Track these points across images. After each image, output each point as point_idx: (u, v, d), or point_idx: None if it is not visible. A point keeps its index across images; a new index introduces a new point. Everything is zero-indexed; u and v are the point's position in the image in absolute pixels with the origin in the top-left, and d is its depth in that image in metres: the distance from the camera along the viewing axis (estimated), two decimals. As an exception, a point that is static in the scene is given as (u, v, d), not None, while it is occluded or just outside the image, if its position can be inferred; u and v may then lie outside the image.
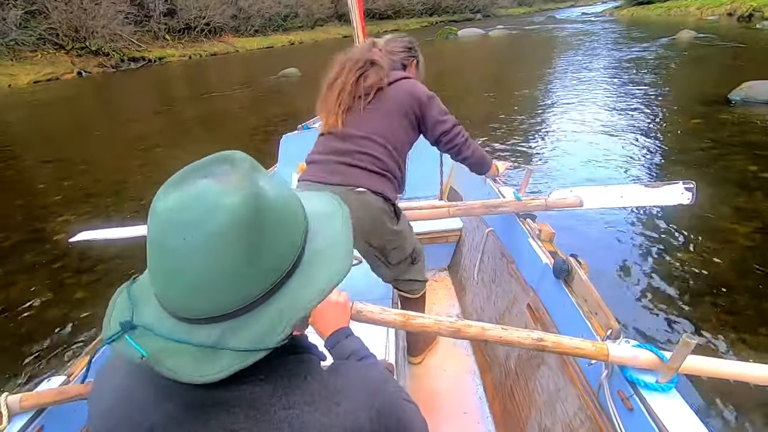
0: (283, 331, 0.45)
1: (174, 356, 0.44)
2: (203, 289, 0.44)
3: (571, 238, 2.85)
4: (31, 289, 2.96)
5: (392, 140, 1.44)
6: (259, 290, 0.46)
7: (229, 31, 24.73)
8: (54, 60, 18.31)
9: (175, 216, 0.43)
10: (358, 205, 1.36)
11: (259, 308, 0.46)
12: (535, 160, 4.62)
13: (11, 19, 17.18)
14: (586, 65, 10.64)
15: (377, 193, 1.42)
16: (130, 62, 19.94)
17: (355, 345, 0.79)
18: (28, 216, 4.13)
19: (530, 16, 38.71)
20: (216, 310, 0.44)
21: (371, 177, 1.42)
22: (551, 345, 0.88)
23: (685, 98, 6.75)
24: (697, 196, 1.48)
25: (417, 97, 1.44)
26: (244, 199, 0.44)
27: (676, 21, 19.92)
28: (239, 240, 0.43)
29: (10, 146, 7.33)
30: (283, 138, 2.72)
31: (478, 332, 0.90)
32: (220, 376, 0.43)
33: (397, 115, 1.44)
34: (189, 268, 0.43)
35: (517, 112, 6.80)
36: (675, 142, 4.95)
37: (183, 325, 0.45)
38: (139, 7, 21.25)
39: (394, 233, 1.50)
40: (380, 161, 1.43)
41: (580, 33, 19.16)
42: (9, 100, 13.16)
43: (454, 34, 22.58)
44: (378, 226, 1.45)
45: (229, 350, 0.44)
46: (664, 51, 11.62)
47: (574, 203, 1.58)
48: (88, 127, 8.45)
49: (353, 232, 0.56)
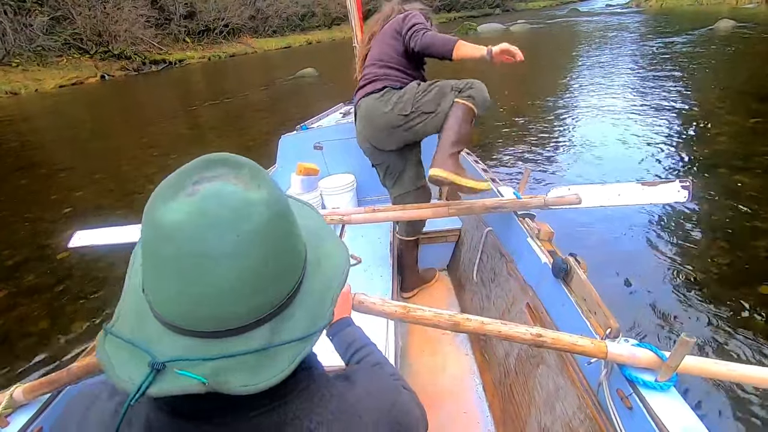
0: (331, 305, 0.47)
1: (231, 372, 0.41)
2: (245, 293, 0.41)
3: (570, 237, 2.84)
4: (30, 316, 2.78)
5: (390, 54, 1.81)
6: (297, 277, 0.46)
7: (247, 32, 24.86)
8: (78, 64, 18.72)
9: (197, 224, 0.40)
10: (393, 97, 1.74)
11: (299, 294, 0.46)
12: (575, 170, 4.30)
13: (38, 25, 17.62)
14: (619, 61, 10.03)
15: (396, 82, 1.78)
16: (151, 65, 20.25)
17: (357, 334, 0.79)
18: (34, 231, 4.01)
19: (551, 9, 37.58)
20: (262, 309, 0.43)
21: (389, 72, 1.79)
22: (550, 341, 0.88)
23: (736, 95, 6.12)
24: (693, 194, 1.50)
25: (399, 17, 1.82)
26: (269, 191, 0.44)
27: (710, 10, 18.82)
28: (278, 232, 0.44)
29: (30, 153, 7.37)
30: (281, 138, 2.67)
31: (478, 326, 0.91)
32: (288, 370, 0.42)
33: (388, 34, 1.81)
34: (228, 275, 0.40)
35: (547, 113, 6.40)
36: (735, 145, 4.39)
37: (222, 340, 0.42)
38: (159, 11, 21.55)
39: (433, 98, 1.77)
40: (390, 56, 1.80)
41: (608, 26, 18.36)
42: (36, 105, 13.45)
43: (474, 30, 22.03)
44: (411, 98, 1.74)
45: (285, 345, 0.43)
46: (703, 43, 10.83)
47: (572, 201, 1.58)
48: (106, 133, 8.46)
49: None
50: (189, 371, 0.40)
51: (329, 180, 2.57)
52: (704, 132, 4.91)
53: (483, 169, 2.24)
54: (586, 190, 1.61)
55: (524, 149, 4.99)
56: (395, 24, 1.80)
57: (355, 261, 2.13)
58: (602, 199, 1.59)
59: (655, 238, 2.97)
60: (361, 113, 1.81)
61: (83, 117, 10.81)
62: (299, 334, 0.44)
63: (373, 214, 1.70)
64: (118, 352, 0.42)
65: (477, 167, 2.27)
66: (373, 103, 1.74)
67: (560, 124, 5.83)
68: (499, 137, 5.52)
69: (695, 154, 4.26)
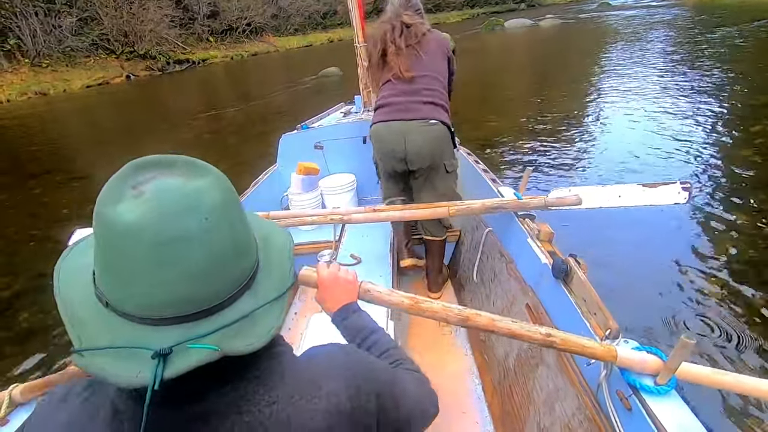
0: (291, 267, 0.54)
1: (232, 338, 0.44)
2: (224, 267, 0.45)
3: (570, 238, 2.78)
4: (19, 365, 2.44)
5: (442, 73, 1.92)
6: (255, 248, 0.51)
7: (270, 31, 24.83)
8: (105, 65, 19.00)
9: (158, 216, 0.42)
10: (433, 134, 1.84)
11: (261, 263, 0.51)
12: (586, 171, 4.14)
13: (66, 26, 17.93)
14: (645, 60, 9.35)
15: (444, 124, 1.87)
16: (176, 65, 20.42)
17: (364, 320, 0.78)
18: (38, 252, 3.75)
19: (579, 4, 36.29)
20: (240, 279, 0.47)
21: (437, 110, 1.86)
22: (559, 341, 0.87)
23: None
24: (692, 196, 1.51)
25: (447, 41, 1.97)
26: (212, 177, 0.47)
27: (755, 3, 17.61)
28: (233, 209, 0.47)
29: (48, 158, 7.29)
30: (282, 138, 2.67)
31: (488, 322, 0.88)
32: (276, 325, 0.48)
33: (439, 54, 1.92)
34: (204, 255, 0.43)
35: (563, 113, 5.90)
36: (748, 151, 4.09)
37: (217, 315, 0.45)
38: (183, 10, 21.68)
39: (453, 155, 1.99)
40: (440, 92, 1.89)
41: (644, 21, 17.42)
42: (62, 106, 13.61)
43: (501, 26, 21.32)
44: (445, 149, 1.90)
45: (264, 306, 0.48)
46: (746, 41, 9.98)
47: (573, 202, 1.59)
48: (128, 136, 8.33)
49: (433, 151, 1.78)
50: (198, 344, 0.43)
51: (329, 179, 2.55)
52: (724, 138, 4.49)
53: (483, 170, 2.23)
54: (586, 191, 1.61)
55: (527, 149, 4.87)
56: (445, 43, 1.96)
57: (354, 260, 1.96)
58: (603, 201, 1.58)
59: (655, 239, 2.94)
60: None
61: (107, 118, 10.83)
62: (275, 294, 0.50)
63: (373, 213, 1.73)
64: (106, 364, 0.43)
65: (477, 167, 2.27)
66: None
67: (572, 124, 5.61)
68: (501, 138, 5.37)
69: (702, 157, 4.11)
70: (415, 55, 1.85)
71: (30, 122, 10.75)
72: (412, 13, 1.92)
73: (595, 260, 2.07)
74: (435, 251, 2.13)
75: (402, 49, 1.85)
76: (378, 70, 1.94)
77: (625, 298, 2.34)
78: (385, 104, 1.89)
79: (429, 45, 1.87)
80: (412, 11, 1.93)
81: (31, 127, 10.19)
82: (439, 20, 32.57)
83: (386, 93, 1.90)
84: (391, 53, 1.87)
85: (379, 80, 1.96)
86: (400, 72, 1.84)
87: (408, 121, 1.82)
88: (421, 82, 1.84)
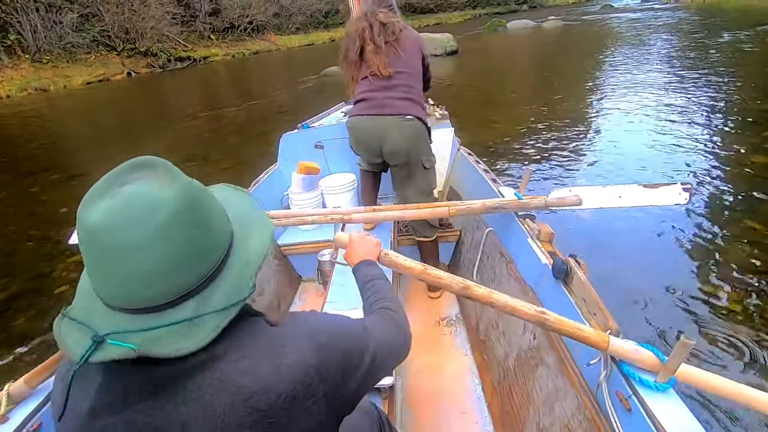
0: (250, 281, 0.54)
1: (162, 339, 0.48)
2: (164, 275, 0.48)
3: (570, 238, 2.81)
4: (18, 365, 2.39)
5: (418, 70, 1.97)
6: (218, 255, 0.53)
7: (271, 29, 24.79)
8: (106, 61, 18.95)
9: (111, 222, 0.46)
10: (410, 130, 1.90)
11: (222, 271, 0.53)
12: (591, 170, 4.04)
13: (67, 22, 17.87)
14: (648, 63, 9.28)
15: (420, 119, 1.92)
16: (177, 62, 20.38)
17: (376, 270, 0.94)
18: (37, 254, 3.70)
19: (582, 6, 36.24)
20: (185, 286, 0.50)
21: (413, 106, 1.91)
22: (552, 320, 0.90)
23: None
24: (693, 197, 1.44)
25: (421, 39, 2.02)
26: (180, 186, 0.50)
27: (761, 7, 17.57)
28: (190, 221, 0.49)
29: (47, 155, 7.24)
30: (282, 137, 2.68)
31: (485, 294, 0.95)
32: (212, 335, 0.49)
33: (415, 51, 1.96)
34: (148, 261, 0.47)
35: (564, 115, 5.86)
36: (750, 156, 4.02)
37: (156, 315, 0.49)
38: (185, 8, 21.62)
39: (430, 151, 2.03)
40: (416, 89, 1.95)
41: (647, 24, 17.36)
42: (63, 102, 13.56)
43: (503, 27, 21.27)
44: (421, 144, 1.97)
45: (210, 314, 0.50)
46: (750, 45, 9.94)
47: (573, 202, 1.59)
48: (126, 135, 8.28)
49: (408, 147, 1.84)
50: (120, 341, 0.47)
51: (330, 179, 2.54)
52: (728, 142, 4.37)
53: (484, 170, 2.23)
54: (586, 191, 1.61)
55: (528, 150, 4.83)
56: (419, 41, 1.99)
57: None
58: (603, 201, 1.57)
59: (656, 239, 2.90)
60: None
61: (107, 115, 10.76)
62: (221, 305, 0.51)
63: (373, 213, 1.75)
64: (71, 331, 0.50)
65: (478, 167, 2.26)
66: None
67: (576, 126, 5.55)
68: (502, 138, 5.33)
69: (705, 160, 4.06)
70: (393, 53, 1.90)
71: (30, 118, 10.70)
72: (387, 10, 1.96)
73: (596, 261, 2.06)
74: (428, 252, 2.15)
75: (381, 47, 1.89)
76: (355, 68, 1.98)
77: (625, 298, 2.34)
78: (363, 99, 1.94)
79: (406, 42, 1.92)
80: (386, 8, 1.96)
81: (30, 123, 10.14)
82: (441, 20, 32.53)
83: (365, 88, 1.94)
84: (369, 51, 1.90)
85: (355, 77, 2.00)
86: (378, 69, 1.89)
87: (385, 116, 1.88)
88: (398, 78, 1.90)
